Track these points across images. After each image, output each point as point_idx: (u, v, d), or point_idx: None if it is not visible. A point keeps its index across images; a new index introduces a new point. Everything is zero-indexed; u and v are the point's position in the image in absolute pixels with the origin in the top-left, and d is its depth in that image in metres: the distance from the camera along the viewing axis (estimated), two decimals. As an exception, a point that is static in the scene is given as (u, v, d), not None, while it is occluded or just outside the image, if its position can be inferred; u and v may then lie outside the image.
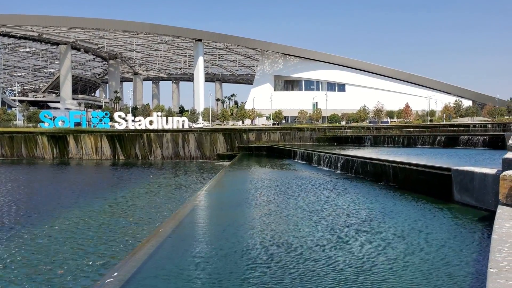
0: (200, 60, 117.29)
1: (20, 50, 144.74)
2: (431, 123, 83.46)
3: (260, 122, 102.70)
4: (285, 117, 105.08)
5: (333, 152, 32.16)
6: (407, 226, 12.47)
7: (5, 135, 66.23)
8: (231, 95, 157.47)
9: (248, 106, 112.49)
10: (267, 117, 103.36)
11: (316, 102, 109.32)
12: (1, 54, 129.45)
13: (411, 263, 9.02)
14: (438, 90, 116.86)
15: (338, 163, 28.48)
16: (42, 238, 16.85)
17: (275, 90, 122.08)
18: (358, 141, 50.49)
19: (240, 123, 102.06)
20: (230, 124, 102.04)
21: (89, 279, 11.82)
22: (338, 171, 27.89)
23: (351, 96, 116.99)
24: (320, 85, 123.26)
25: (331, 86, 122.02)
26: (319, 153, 33.51)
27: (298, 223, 13.28)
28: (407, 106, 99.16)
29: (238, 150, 59.24)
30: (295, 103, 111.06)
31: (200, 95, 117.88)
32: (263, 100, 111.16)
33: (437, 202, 15.73)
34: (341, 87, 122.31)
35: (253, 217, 14.63)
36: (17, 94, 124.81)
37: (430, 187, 17.52)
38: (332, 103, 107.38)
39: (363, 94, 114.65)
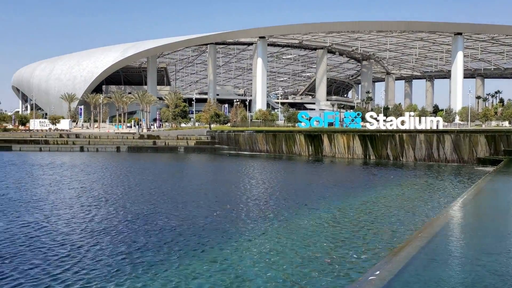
0: (459, 55, 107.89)
1: (282, 57, 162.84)
2: None
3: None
4: None
5: None
6: None
7: (269, 134, 75.51)
8: (495, 92, 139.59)
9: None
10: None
11: None
12: (268, 61, 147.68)
13: None
14: None
15: None
16: (307, 228, 18.43)
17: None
18: None
19: (506, 123, 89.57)
20: (493, 124, 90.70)
21: (352, 272, 12.29)
22: None
23: None
24: None
25: None
26: None
27: None
28: None
29: (504, 154, 51.88)
30: None
31: (458, 93, 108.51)
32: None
33: None
34: None
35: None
36: (279, 97, 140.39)
37: None
38: None
39: None
